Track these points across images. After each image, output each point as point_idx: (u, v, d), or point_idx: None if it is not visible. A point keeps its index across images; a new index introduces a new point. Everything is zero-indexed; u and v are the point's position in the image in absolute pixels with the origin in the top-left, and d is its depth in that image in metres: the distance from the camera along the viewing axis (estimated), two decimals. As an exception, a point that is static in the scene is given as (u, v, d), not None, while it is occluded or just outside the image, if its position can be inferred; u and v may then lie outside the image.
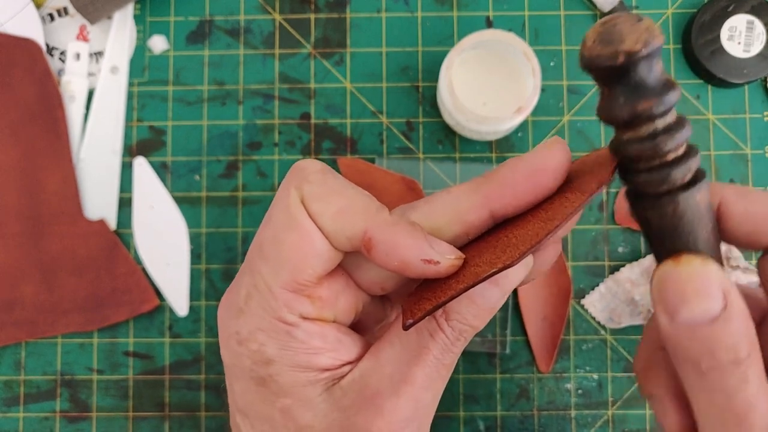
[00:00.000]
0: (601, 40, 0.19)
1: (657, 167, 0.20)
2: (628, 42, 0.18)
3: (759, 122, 0.46)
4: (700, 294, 0.20)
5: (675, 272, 0.20)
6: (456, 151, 0.46)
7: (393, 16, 0.47)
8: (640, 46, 0.18)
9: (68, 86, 0.46)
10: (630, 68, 0.19)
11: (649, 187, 0.20)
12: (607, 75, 0.19)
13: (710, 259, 0.20)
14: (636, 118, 0.19)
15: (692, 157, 0.20)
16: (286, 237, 0.22)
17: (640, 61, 0.19)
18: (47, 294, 0.45)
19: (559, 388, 0.45)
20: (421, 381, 0.22)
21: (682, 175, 0.20)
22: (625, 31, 0.18)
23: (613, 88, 0.20)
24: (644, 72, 0.19)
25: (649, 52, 0.18)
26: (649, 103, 0.19)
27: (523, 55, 0.41)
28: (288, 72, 0.46)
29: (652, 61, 0.19)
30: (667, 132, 0.19)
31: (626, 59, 0.18)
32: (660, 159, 0.20)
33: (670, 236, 0.21)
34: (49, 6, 0.47)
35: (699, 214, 0.20)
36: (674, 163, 0.20)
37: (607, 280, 0.45)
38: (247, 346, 0.22)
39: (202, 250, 0.46)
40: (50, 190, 0.45)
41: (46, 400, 0.45)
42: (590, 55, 0.19)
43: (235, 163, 0.46)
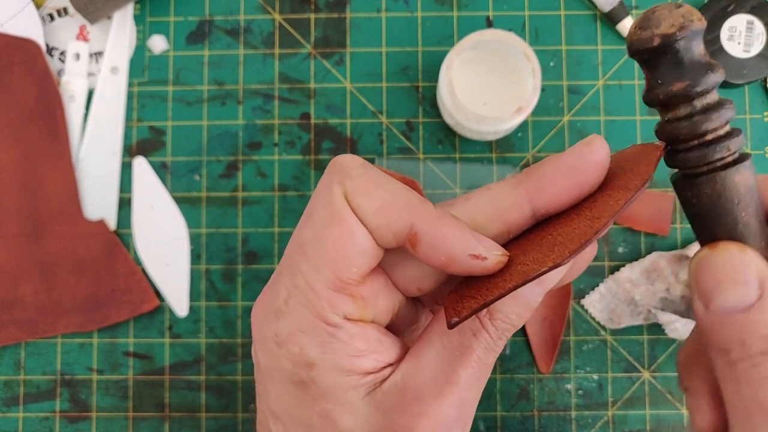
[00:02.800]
0: (641, 25, 0.20)
1: (696, 147, 0.20)
2: (664, 26, 0.19)
3: (759, 123, 0.46)
4: (735, 281, 0.19)
5: (711, 258, 0.20)
6: (456, 151, 0.46)
7: (393, 16, 0.47)
8: (674, 30, 0.19)
9: (68, 86, 0.46)
10: (666, 50, 0.20)
11: (688, 166, 0.21)
12: (647, 58, 0.20)
13: (748, 246, 0.20)
14: (673, 98, 0.20)
15: (733, 138, 0.20)
16: (328, 233, 0.21)
17: (675, 44, 0.20)
18: (47, 294, 0.45)
19: (560, 389, 0.45)
20: (464, 381, 0.21)
21: (720, 154, 0.20)
22: (662, 17, 0.20)
23: (652, 70, 0.21)
24: (680, 54, 0.20)
25: (684, 36, 0.19)
26: (684, 84, 0.20)
27: (523, 55, 0.41)
28: (288, 72, 0.46)
29: (690, 43, 0.20)
30: (704, 112, 0.20)
31: (662, 41, 0.20)
32: (698, 139, 0.20)
33: (709, 218, 0.21)
34: (49, 6, 0.47)
35: (738, 195, 0.20)
36: (713, 142, 0.20)
37: (607, 281, 0.44)
38: (287, 349, 0.21)
39: (202, 250, 0.46)
40: (50, 190, 0.45)
41: (45, 400, 0.45)
42: (631, 40, 0.20)
43: (235, 163, 0.46)
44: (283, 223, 0.46)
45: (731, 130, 0.21)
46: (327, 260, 0.21)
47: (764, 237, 0.21)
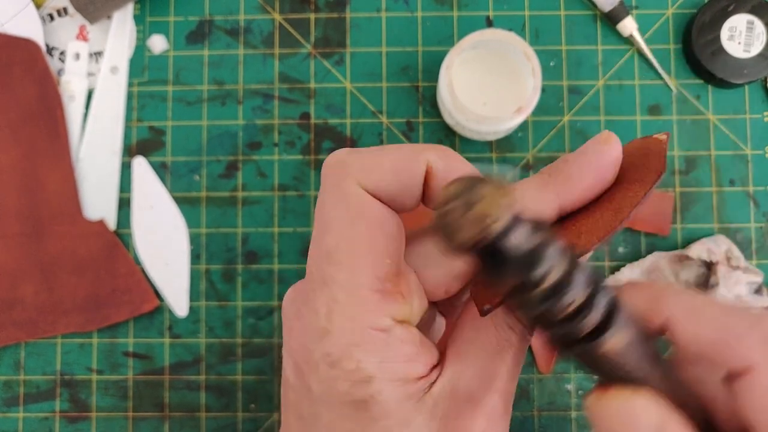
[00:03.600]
0: (440, 231, 0.17)
1: (550, 325, 0.19)
2: (456, 239, 0.17)
3: (759, 123, 0.46)
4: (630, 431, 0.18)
5: (602, 407, 0.19)
6: (456, 151, 0.46)
7: (393, 16, 0.47)
8: (472, 243, 0.17)
9: (68, 86, 0.46)
10: (471, 257, 0.18)
11: (552, 340, 0.20)
12: None
13: (640, 389, 0.19)
14: (506, 295, 0.19)
15: (588, 311, 0.18)
16: (355, 232, 0.20)
17: (478, 253, 0.17)
18: (47, 294, 0.45)
19: (560, 389, 0.44)
20: (507, 374, 0.21)
21: (572, 335, 0.19)
22: (455, 226, 0.17)
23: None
24: (489, 258, 0.18)
25: (485, 243, 0.17)
26: (507, 285, 0.18)
27: (523, 55, 0.41)
28: (288, 72, 0.46)
29: (498, 246, 0.17)
30: (543, 301, 0.18)
31: (461, 254, 0.17)
32: (549, 319, 0.19)
33: (595, 372, 0.20)
34: (48, 6, 0.47)
35: (610, 361, 0.19)
36: (563, 322, 0.18)
37: (607, 281, 0.44)
38: (341, 368, 0.20)
39: (201, 250, 0.46)
40: (50, 190, 0.45)
41: (45, 400, 0.45)
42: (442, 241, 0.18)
43: (235, 163, 0.46)
44: (283, 223, 0.46)
45: (587, 297, 0.18)
46: (361, 260, 0.20)
47: (657, 370, 0.20)
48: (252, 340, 0.45)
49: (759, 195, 0.45)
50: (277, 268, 0.45)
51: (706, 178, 0.45)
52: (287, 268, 0.45)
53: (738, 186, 0.45)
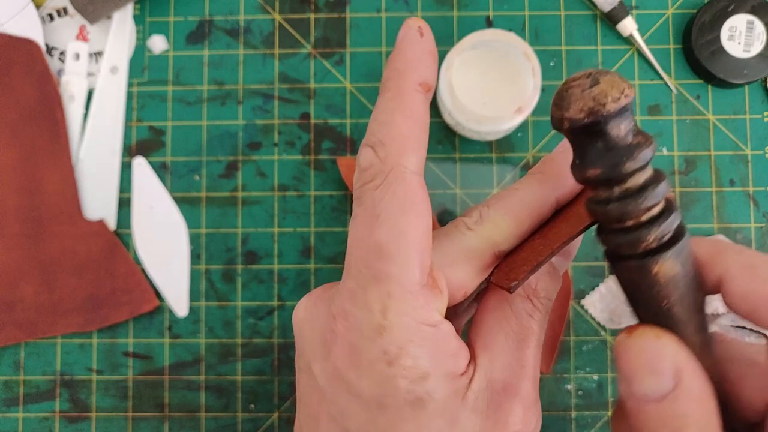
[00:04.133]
0: (555, 102, 0.18)
1: (615, 231, 0.19)
2: (573, 109, 0.18)
3: (759, 123, 0.46)
4: (648, 371, 0.19)
5: (627, 344, 0.20)
6: (456, 151, 0.46)
7: (393, 16, 0.47)
8: (582, 115, 0.17)
9: (68, 86, 0.46)
10: (578, 134, 0.18)
11: (609, 246, 0.20)
12: (565, 136, 0.19)
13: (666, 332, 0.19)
14: (590, 183, 0.19)
15: (656, 225, 0.18)
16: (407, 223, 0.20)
17: (584, 129, 0.18)
18: (47, 294, 0.45)
19: (560, 389, 0.44)
20: (533, 361, 0.22)
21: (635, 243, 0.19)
22: (572, 97, 0.18)
23: (573, 147, 0.19)
24: (594, 138, 0.18)
25: (594, 120, 0.17)
26: (597, 171, 0.18)
27: (523, 55, 0.41)
28: (288, 72, 0.46)
29: (605, 128, 0.18)
30: (623, 199, 0.18)
31: (570, 125, 0.18)
32: (618, 224, 0.19)
33: (631, 298, 0.20)
34: (48, 6, 0.47)
35: (658, 285, 0.19)
36: (632, 229, 0.19)
37: (607, 281, 0.44)
38: (400, 364, 0.20)
39: (201, 250, 0.46)
40: (50, 190, 0.45)
41: (45, 400, 0.45)
42: (551, 117, 0.19)
43: (235, 163, 0.46)
44: (283, 223, 0.46)
45: (659, 213, 0.19)
46: (413, 254, 0.20)
47: (692, 321, 0.20)
48: (252, 340, 0.45)
49: (759, 195, 0.45)
50: (277, 269, 0.45)
51: (706, 178, 0.45)
52: (287, 268, 0.45)
53: (738, 186, 0.45)
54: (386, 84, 0.22)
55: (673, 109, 0.46)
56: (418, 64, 0.22)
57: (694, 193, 0.45)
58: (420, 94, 0.22)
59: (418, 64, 0.22)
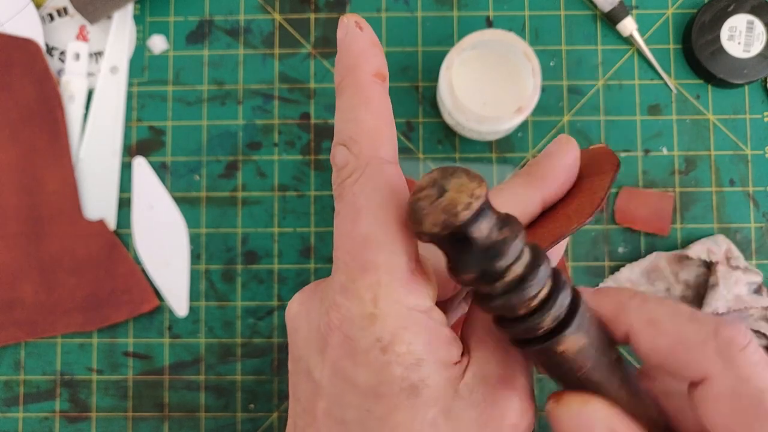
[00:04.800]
0: (409, 216, 0.18)
1: (511, 321, 0.19)
2: (426, 225, 0.18)
3: (759, 123, 0.46)
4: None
5: (557, 413, 0.20)
6: (456, 151, 0.46)
7: (393, 16, 0.47)
8: (438, 229, 0.17)
9: (68, 86, 0.46)
10: (441, 245, 0.18)
11: (509, 337, 0.20)
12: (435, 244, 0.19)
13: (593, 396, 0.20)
14: (468, 285, 0.19)
15: (547, 308, 0.18)
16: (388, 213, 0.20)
17: (446, 240, 0.18)
18: (47, 294, 0.45)
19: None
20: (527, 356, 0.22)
21: (531, 332, 0.19)
22: (423, 212, 0.18)
23: (442, 252, 0.19)
24: (456, 247, 0.18)
25: (451, 232, 0.17)
26: (470, 276, 0.18)
27: (523, 55, 0.41)
28: (288, 72, 0.46)
29: (466, 233, 0.17)
30: (504, 294, 0.18)
31: (431, 239, 0.18)
32: (508, 314, 0.19)
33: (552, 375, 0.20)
34: (48, 6, 0.47)
35: (567, 360, 0.19)
36: (522, 319, 0.19)
37: (607, 281, 0.44)
38: (394, 351, 0.20)
39: (201, 250, 0.46)
40: (50, 190, 0.45)
41: (45, 400, 0.45)
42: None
43: (235, 163, 0.46)
44: (283, 223, 0.46)
45: (547, 297, 0.19)
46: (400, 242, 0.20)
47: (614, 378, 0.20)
48: (251, 340, 0.45)
49: (759, 195, 0.45)
50: (276, 268, 0.45)
51: (705, 178, 0.45)
52: (287, 268, 0.45)
53: (738, 186, 0.45)
54: (341, 83, 0.22)
55: (673, 109, 0.46)
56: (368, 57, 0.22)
57: (694, 193, 0.45)
58: (377, 85, 0.22)
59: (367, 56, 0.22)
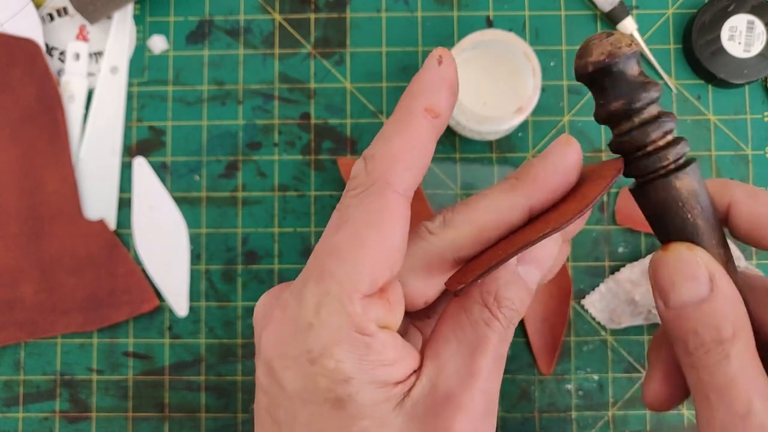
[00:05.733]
0: (578, 54, 0.23)
1: (639, 157, 0.23)
2: (595, 54, 0.22)
3: (759, 123, 0.46)
4: (686, 278, 0.22)
5: (664, 259, 0.22)
6: (456, 151, 0.46)
7: (393, 16, 0.47)
8: (603, 57, 0.22)
9: (68, 86, 0.46)
10: (600, 75, 0.22)
11: (635, 174, 0.23)
12: (587, 82, 0.23)
13: (696, 245, 0.22)
14: (614, 116, 0.22)
15: (672, 147, 0.22)
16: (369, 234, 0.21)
17: (607, 69, 0.22)
18: (47, 294, 0.45)
19: (560, 390, 0.44)
20: (486, 372, 0.21)
21: (660, 163, 0.22)
22: (594, 46, 0.22)
23: (595, 93, 0.23)
24: (614, 77, 0.22)
25: (613, 61, 0.22)
26: (620, 103, 0.22)
27: (523, 55, 0.41)
28: (288, 72, 0.46)
29: (622, 67, 0.22)
30: (642, 126, 0.22)
31: (594, 68, 0.22)
32: (640, 150, 0.22)
33: (660, 221, 0.23)
34: (48, 6, 0.47)
35: (681, 199, 0.22)
36: (652, 153, 0.22)
37: (607, 281, 0.44)
38: (322, 364, 0.20)
39: (201, 250, 0.46)
40: (50, 190, 0.45)
41: (45, 400, 0.45)
42: (575, 68, 0.23)
43: (235, 163, 0.46)
44: (283, 223, 0.46)
45: (672, 140, 0.22)
46: (366, 263, 0.20)
47: (714, 236, 0.23)
48: (252, 340, 0.45)
49: (759, 195, 0.45)
50: (277, 269, 0.45)
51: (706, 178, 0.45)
52: (287, 268, 0.45)
53: (738, 186, 0.45)
54: (397, 105, 0.23)
55: (673, 109, 0.46)
56: (429, 90, 0.23)
57: (694, 193, 0.45)
58: (424, 119, 0.22)
59: (429, 89, 0.23)
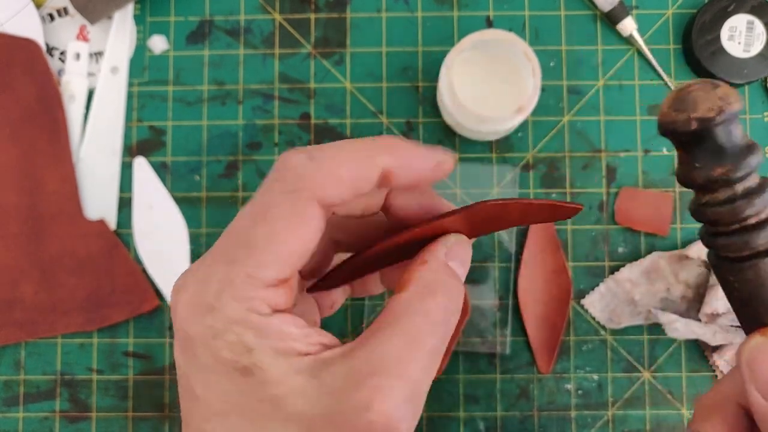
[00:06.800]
0: (676, 106, 0.19)
1: (737, 231, 0.20)
2: (701, 109, 0.19)
3: (759, 123, 0.46)
4: None
5: (764, 347, 0.20)
6: (456, 151, 0.46)
7: (393, 16, 0.47)
8: (713, 114, 0.18)
9: (68, 86, 0.46)
10: (704, 134, 0.19)
11: (729, 251, 0.20)
12: (683, 140, 0.20)
13: None
14: (713, 183, 0.20)
15: (766, 228, 0.19)
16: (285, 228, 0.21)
17: (714, 128, 0.19)
18: (47, 294, 0.45)
19: (559, 389, 0.45)
20: (420, 364, 0.21)
21: (763, 240, 0.20)
22: (699, 98, 0.19)
23: (689, 152, 0.20)
24: (720, 138, 0.19)
25: (723, 120, 0.19)
26: (725, 168, 0.19)
27: (523, 55, 0.41)
28: (288, 72, 0.46)
29: (729, 126, 0.19)
30: (746, 196, 0.19)
31: (699, 125, 0.19)
32: (740, 223, 0.20)
33: (754, 302, 0.21)
34: (49, 6, 0.47)
35: None
36: (756, 227, 0.20)
37: (607, 280, 0.44)
38: (223, 338, 0.21)
39: (202, 250, 0.46)
40: (50, 190, 0.45)
41: (45, 400, 0.45)
42: (665, 121, 0.20)
43: (235, 163, 0.46)
44: (283, 223, 0.46)
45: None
46: (278, 257, 0.21)
47: None
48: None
49: (759, 195, 0.45)
50: (277, 268, 0.45)
51: (706, 178, 0.45)
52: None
53: (738, 186, 0.45)
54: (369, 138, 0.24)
55: (673, 109, 0.46)
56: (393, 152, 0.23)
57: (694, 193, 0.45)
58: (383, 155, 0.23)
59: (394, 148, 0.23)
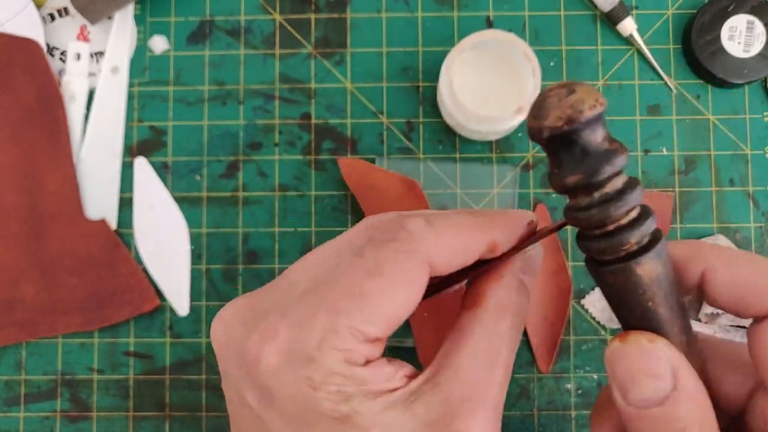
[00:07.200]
0: (534, 113, 0.19)
1: (596, 237, 0.20)
2: (551, 118, 0.18)
3: (759, 123, 0.46)
4: (647, 374, 0.20)
5: (621, 350, 0.20)
6: (456, 151, 0.46)
7: (393, 16, 0.47)
8: (561, 123, 0.18)
9: (69, 86, 0.46)
10: (556, 143, 0.19)
11: (594, 254, 0.20)
12: (542, 147, 0.19)
13: (658, 336, 0.20)
14: (570, 190, 0.19)
15: (636, 227, 0.19)
16: (399, 294, 0.21)
17: (563, 138, 0.18)
18: (47, 294, 0.45)
19: (559, 388, 0.45)
20: (500, 382, 0.22)
21: (618, 246, 0.19)
22: (551, 106, 0.18)
23: (550, 157, 0.20)
24: (572, 146, 0.18)
25: (573, 128, 0.18)
26: (578, 176, 0.18)
27: (523, 55, 0.41)
28: (288, 72, 0.47)
29: (582, 134, 0.18)
30: (603, 203, 0.19)
31: (549, 134, 0.18)
32: (600, 229, 0.19)
33: (618, 304, 0.21)
34: (49, 6, 0.47)
35: (642, 286, 0.20)
36: (614, 233, 0.19)
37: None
38: (324, 390, 0.21)
39: (202, 250, 0.46)
40: (50, 190, 0.45)
41: (46, 399, 0.45)
42: (528, 127, 0.19)
43: (236, 163, 0.46)
44: (284, 223, 0.46)
45: (637, 216, 0.19)
46: (384, 317, 0.21)
47: (677, 323, 0.20)
48: (252, 339, 0.45)
49: (759, 195, 0.45)
50: (277, 268, 0.45)
51: (705, 178, 0.45)
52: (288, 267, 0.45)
53: (738, 186, 0.45)
54: (503, 213, 0.25)
55: (673, 109, 0.46)
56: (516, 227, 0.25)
57: (693, 192, 0.45)
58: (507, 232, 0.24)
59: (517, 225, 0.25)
